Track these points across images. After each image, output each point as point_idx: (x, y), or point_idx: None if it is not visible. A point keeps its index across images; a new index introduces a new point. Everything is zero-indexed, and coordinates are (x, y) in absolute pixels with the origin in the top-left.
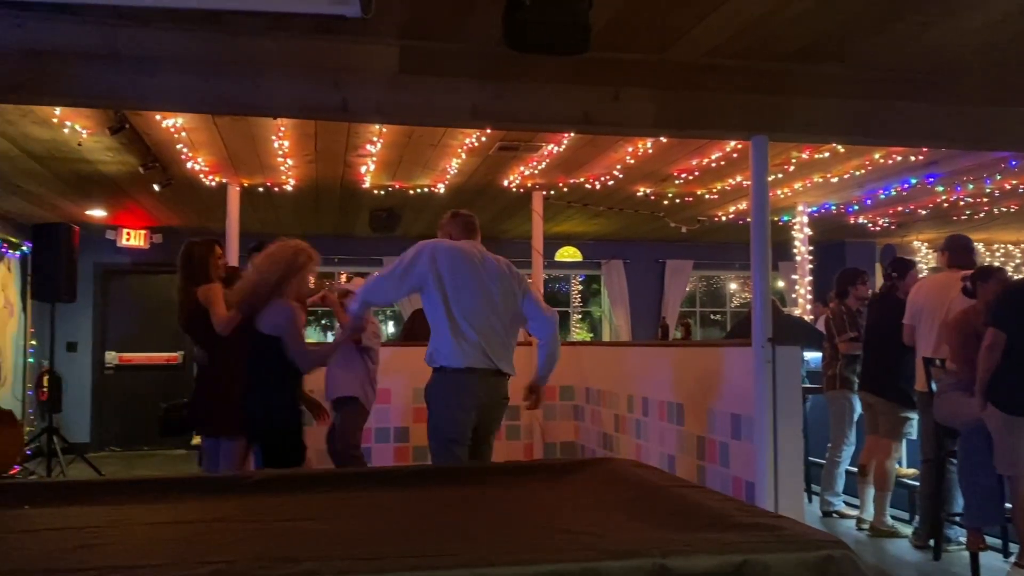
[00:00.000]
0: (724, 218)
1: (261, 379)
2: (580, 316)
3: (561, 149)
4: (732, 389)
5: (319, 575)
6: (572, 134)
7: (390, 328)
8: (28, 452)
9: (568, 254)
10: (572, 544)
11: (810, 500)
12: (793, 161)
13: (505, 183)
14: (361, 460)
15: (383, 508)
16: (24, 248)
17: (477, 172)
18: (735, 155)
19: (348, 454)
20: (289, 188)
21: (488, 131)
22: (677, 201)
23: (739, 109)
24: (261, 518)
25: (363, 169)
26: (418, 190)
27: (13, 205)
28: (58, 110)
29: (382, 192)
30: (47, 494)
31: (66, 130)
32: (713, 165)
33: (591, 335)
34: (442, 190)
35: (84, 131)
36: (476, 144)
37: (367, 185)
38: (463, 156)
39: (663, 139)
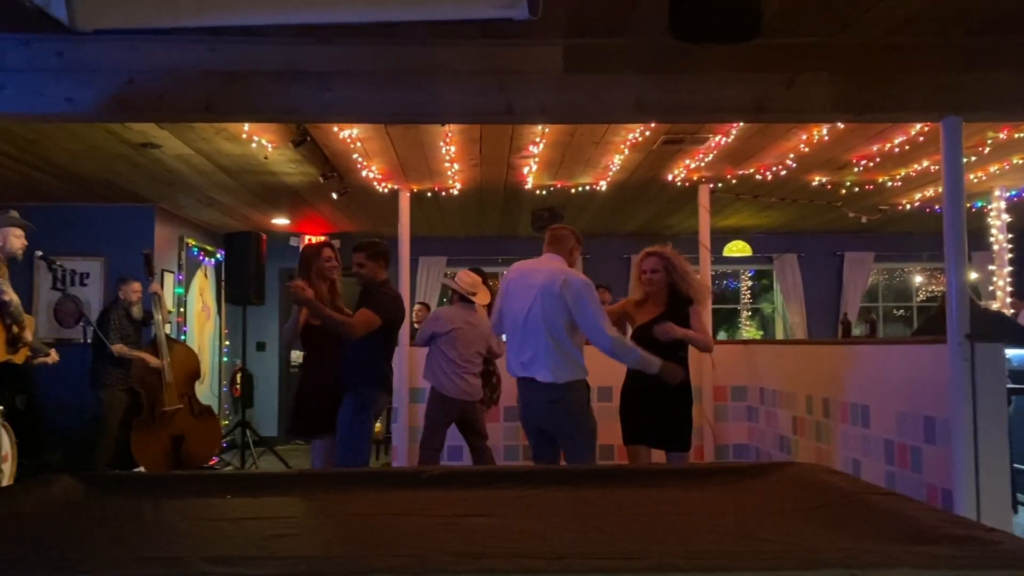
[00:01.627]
0: (908, 206)
1: None
2: (750, 313)
3: (729, 140)
4: (925, 389)
5: (507, 573)
6: (742, 124)
7: None
8: (224, 444)
9: (737, 249)
10: (757, 552)
11: (1015, 511)
12: (988, 142)
13: (669, 177)
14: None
15: (559, 507)
16: (218, 256)
17: (640, 168)
18: (921, 138)
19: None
20: (455, 192)
21: (652, 125)
22: (856, 190)
23: (927, 89)
24: (441, 513)
25: (525, 170)
26: (580, 188)
27: (208, 216)
28: (247, 126)
29: (544, 192)
30: (246, 484)
31: (254, 145)
32: (896, 150)
33: (761, 333)
34: (604, 187)
35: (270, 145)
36: (639, 139)
37: (529, 186)
38: (626, 152)
39: (840, 125)
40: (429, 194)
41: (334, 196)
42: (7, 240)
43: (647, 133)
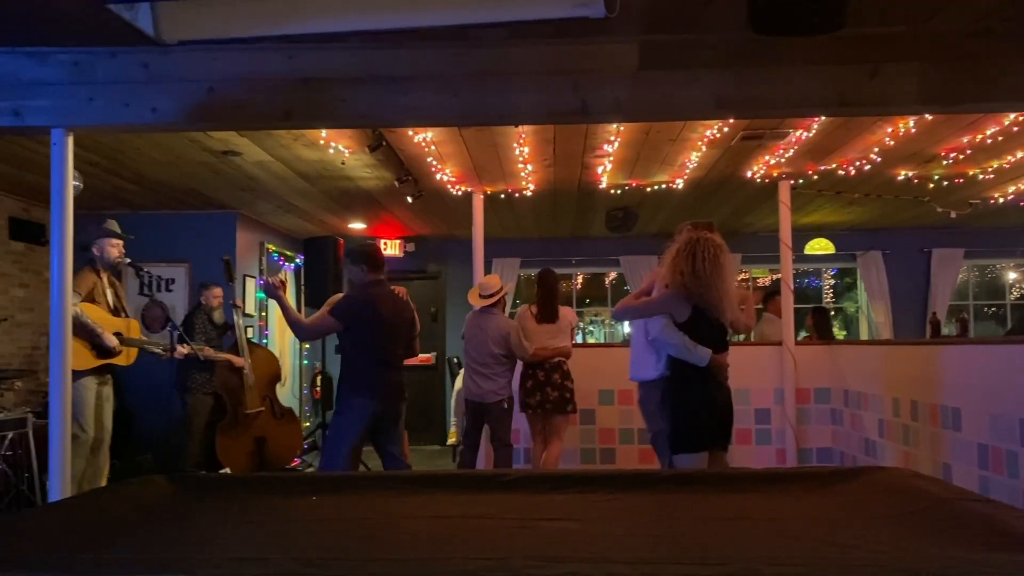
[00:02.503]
0: (1001, 200)
1: None
2: (833, 313)
3: (810, 134)
4: (1020, 391)
5: None
6: (823, 118)
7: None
8: (305, 446)
9: (819, 246)
10: (846, 560)
11: None
12: None
13: (748, 174)
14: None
15: (641, 512)
16: (297, 260)
17: (718, 164)
18: (1015, 128)
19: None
20: (528, 193)
21: (730, 121)
22: (945, 183)
23: (1022, 76)
24: (523, 516)
25: (600, 169)
26: (655, 187)
27: (287, 222)
28: (324, 132)
29: (618, 191)
30: (331, 486)
31: (331, 151)
32: (988, 141)
33: (844, 333)
34: (680, 185)
35: (346, 150)
36: (717, 135)
37: (603, 185)
38: (703, 149)
39: (928, 116)
40: (503, 196)
41: (409, 200)
42: (104, 250)
43: (725, 129)
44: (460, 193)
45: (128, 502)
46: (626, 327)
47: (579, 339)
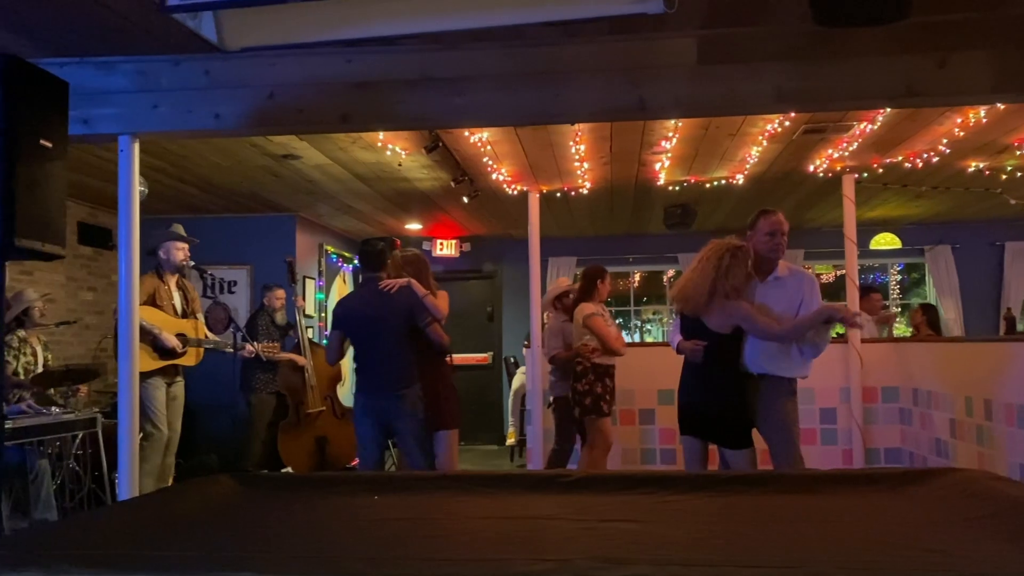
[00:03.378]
0: None
1: (723, 377)
2: (900, 309)
3: (875, 127)
4: None
5: None
6: (889, 110)
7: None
8: None
9: (885, 241)
10: (920, 564)
11: None
12: None
13: (810, 168)
14: None
15: (706, 514)
16: (356, 261)
17: (779, 159)
18: None
19: None
20: (585, 191)
21: (792, 115)
22: (1018, 175)
23: None
24: (585, 517)
25: (657, 166)
26: (715, 183)
27: (345, 223)
28: (381, 134)
29: (676, 188)
30: (392, 485)
31: (388, 152)
32: None
33: (911, 331)
34: (740, 181)
35: (403, 152)
36: (778, 130)
37: (661, 182)
38: (764, 143)
39: (1000, 105)
40: (558, 194)
41: (465, 200)
42: (170, 253)
43: (786, 123)
44: (516, 192)
45: (196, 501)
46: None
47: (636, 338)
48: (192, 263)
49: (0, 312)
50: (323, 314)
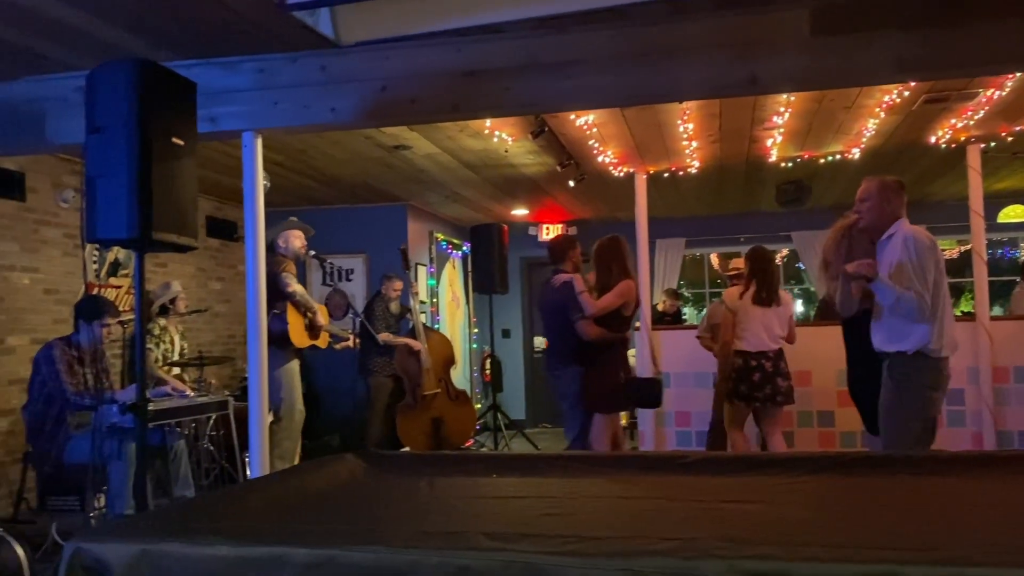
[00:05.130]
0: None
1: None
2: None
3: (1003, 93)
4: None
5: (782, 560)
6: (1018, 75)
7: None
8: (477, 427)
9: (1015, 214)
10: None
11: None
12: None
13: (932, 139)
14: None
15: (832, 495)
16: (464, 248)
17: (898, 131)
18: None
19: None
20: (693, 170)
21: (912, 85)
22: None
23: None
24: (705, 499)
25: (769, 142)
26: (829, 158)
27: (454, 211)
28: (488, 122)
29: (789, 164)
30: (509, 465)
31: (495, 139)
32: None
33: None
34: (857, 155)
35: (509, 138)
36: (897, 100)
37: (773, 159)
38: (881, 115)
39: None
40: (666, 175)
41: (571, 184)
42: (289, 242)
43: (906, 93)
44: (622, 174)
45: (325, 478)
46: (799, 305)
47: None
48: (312, 252)
49: (140, 301)
50: (434, 300)
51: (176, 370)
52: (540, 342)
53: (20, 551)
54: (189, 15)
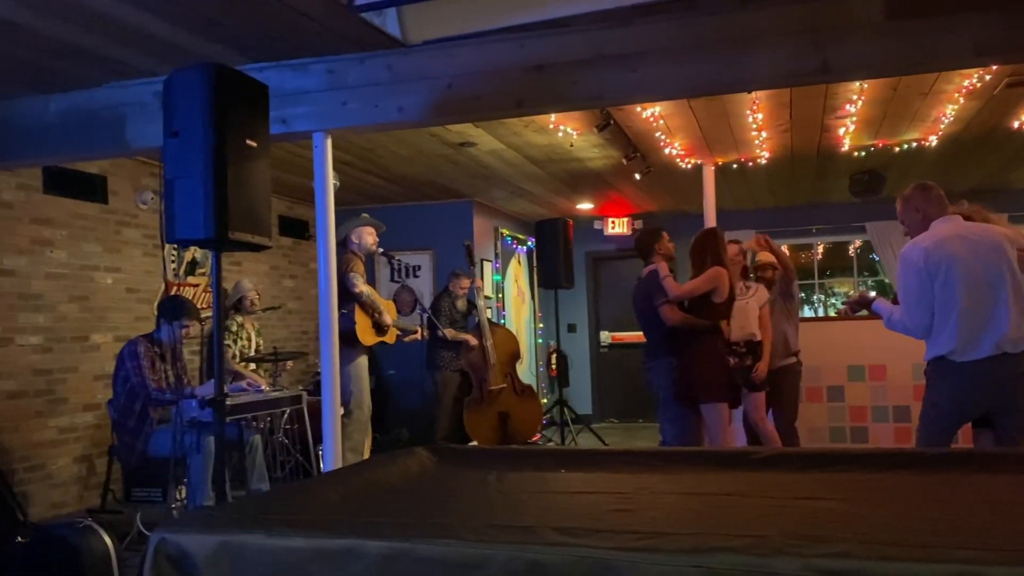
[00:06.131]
0: None
1: None
2: None
3: None
4: None
5: (861, 559)
6: None
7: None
8: (544, 422)
9: None
10: None
11: None
12: None
13: (1015, 124)
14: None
15: (909, 492)
16: (529, 243)
17: (978, 117)
18: None
19: None
20: (763, 161)
21: (992, 68)
22: None
23: None
24: (777, 495)
25: (841, 131)
26: (905, 146)
27: (519, 206)
28: (553, 116)
29: (862, 153)
30: (578, 460)
31: (560, 134)
32: None
33: None
34: (934, 143)
35: (575, 133)
36: (977, 85)
37: (846, 148)
38: (960, 101)
39: None
40: (735, 166)
41: (637, 177)
42: (362, 239)
43: (987, 78)
44: (689, 166)
45: (396, 472)
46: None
47: (820, 312)
48: (381, 249)
49: (218, 299)
50: (499, 295)
51: (251, 365)
52: (606, 337)
53: (108, 540)
54: (261, 19)
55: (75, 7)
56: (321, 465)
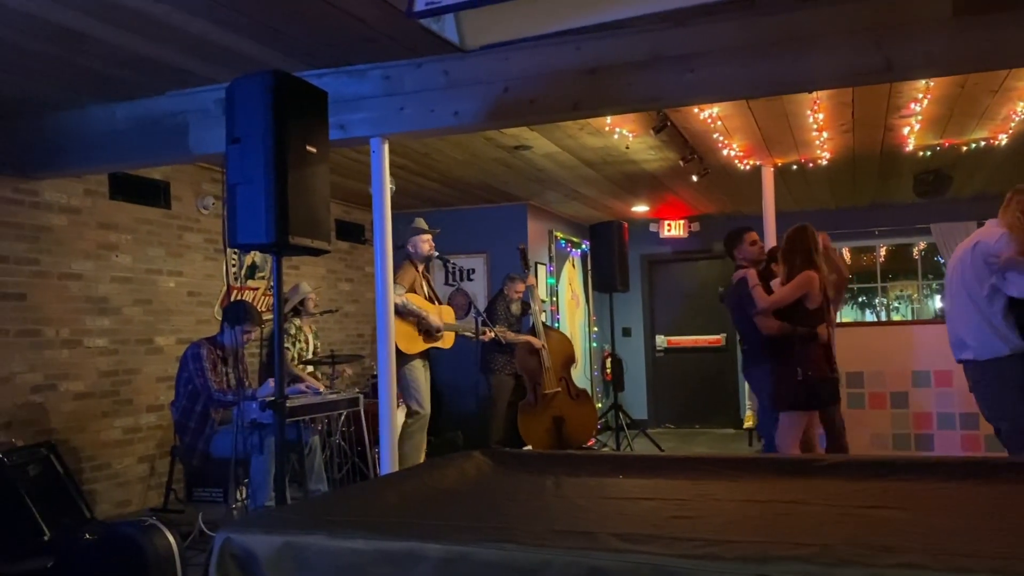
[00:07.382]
0: None
1: None
2: None
3: None
4: None
5: (930, 570)
6: None
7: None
8: (599, 426)
9: None
10: None
11: None
12: None
13: None
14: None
15: (978, 502)
16: (583, 246)
17: None
18: None
19: None
20: (824, 162)
21: None
22: None
23: None
24: (840, 503)
25: (906, 130)
26: (972, 145)
27: (573, 209)
28: (609, 119)
29: (927, 153)
30: (637, 465)
31: (615, 136)
32: None
33: None
34: (1004, 142)
35: (630, 135)
36: None
37: (910, 148)
38: None
39: None
40: (794, 167)
41: (694, 179)
42: (417, 247)
43: None
44: (748, 167)
45: (454, 475)
46: (937, 301)
47: (882, 316)
48: (436, 253)
49: (278, 302)
50: (554, 298)
51: (309, 368)
52: (662, 341)
53: (171, 539)
54: (320, 27)
55: (141, 17)
56: (377, 468)
